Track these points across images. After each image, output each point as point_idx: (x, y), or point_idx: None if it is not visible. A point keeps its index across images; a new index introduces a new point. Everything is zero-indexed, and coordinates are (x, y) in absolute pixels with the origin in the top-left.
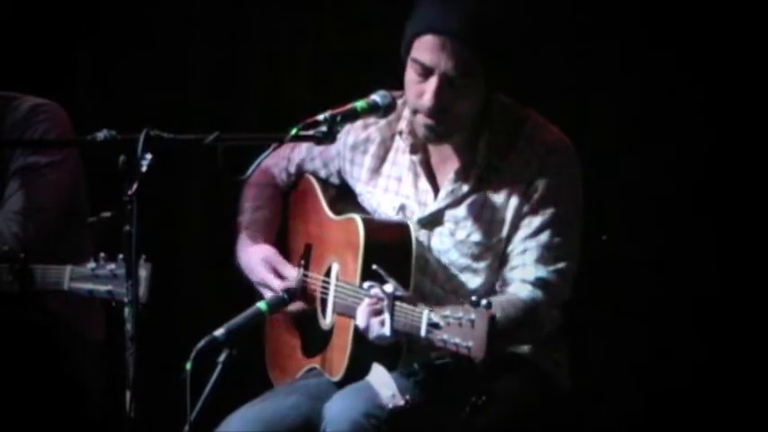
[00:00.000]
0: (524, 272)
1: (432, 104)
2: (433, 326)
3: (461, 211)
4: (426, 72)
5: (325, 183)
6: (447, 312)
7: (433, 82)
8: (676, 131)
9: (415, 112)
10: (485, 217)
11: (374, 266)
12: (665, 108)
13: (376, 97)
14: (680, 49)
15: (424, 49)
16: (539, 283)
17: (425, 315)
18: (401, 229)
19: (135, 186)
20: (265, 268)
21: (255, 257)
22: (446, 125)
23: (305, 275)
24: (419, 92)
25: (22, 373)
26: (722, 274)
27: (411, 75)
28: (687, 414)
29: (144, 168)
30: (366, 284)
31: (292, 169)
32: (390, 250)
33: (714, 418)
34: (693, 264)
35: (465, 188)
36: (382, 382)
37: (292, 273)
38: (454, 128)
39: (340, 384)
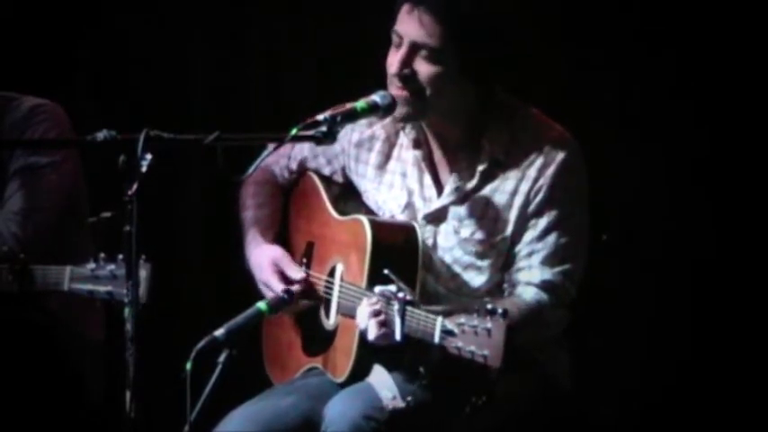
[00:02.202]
0: (530, 274)
1: (396, 68)
2: (447, 333)
3: (465, 208)
4: (399, 41)
5: (327, 181)
6: (462, 320)
7: (401, 50)
8: (677, 130)
9: (388, 86)
10: (489, 215)
11: (386, 271)
12: (666, 107)
13: (376, 97)
14: (680, 49)
15: (400, 18)
16: (544, 285)
17: (439, 322)
18: (408, 230)
19: (135, 186)
20: (272, 270)
21: (267, 258)
22: (416, 95)
23: (307, 274)
24: (391, 62)
25: (22, 373)
26: (722, 274)
27: (391, 49)
28: (687, 414)
29: (144, 168)
30: (377, 288)
31: (294, 166)
32: (397, 252)
33: (714, 418)
34: (693, 263)
35: (469, 185)
36: (383, 384)
37: (298, 275)
38: (426, 102)
39: (343, 385)
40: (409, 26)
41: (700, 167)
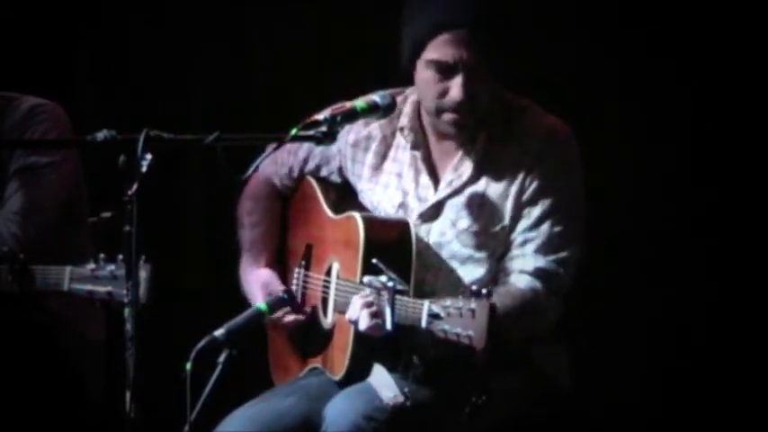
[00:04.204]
0: (523, 262)
1: (463, 98)
2: (433, 316)
3: (462, 200)
4: (448, 69)
5: (325, 183)
6: (447, 303)
7: (459, 77)
8: (677, 131)
9: (439, 111)
10: (486, 205)
11: (374, 260)
12: (667, 107)
13: (376, 97)
14: (682, 45)
15: (442, 47)
16: (538, 273)
17: (426, 306)
18: (401, 225)
19: (135, 186)
20: (261, 292)
21: (256, 284)
22: (471, 114)
23: (306, 276)
24: (442, 91)
25: (21, 373)
26: (723, 274)
27: (428, 77)
28: (687, 413)
29: (144, 168)
30: (366, 279)
31: (295, 174)
32: (391, 247)
33: (714, 418)
34: (693, 264)
35: (464, 177)
36: (383, 383)
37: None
38: (476, 115)
39: (341, 383)
40: (463, 53)
41: (699, 167)
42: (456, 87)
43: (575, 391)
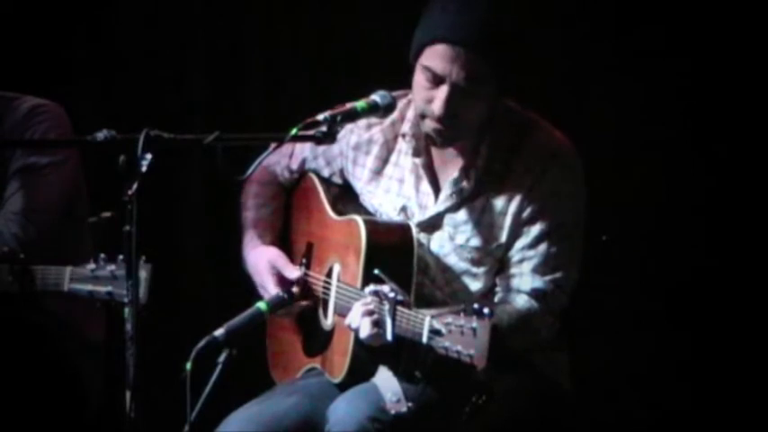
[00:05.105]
0: (521, 281)
1: (442, 113)
2: (434, 333)
3: (461, 215)
4: (437, 79)
5: (327, 182)
6: (449, 320)
7: (443, 90)
8: (677, 131)
9: (423, 116)
10: (484, 222)
11: (376, 271)
12: (666, 109)
13: (376, 97)
14: (682, 48)
15: (436, 57)
16: (534, 293)
17: (427, 322)
18: (403, 230)
19: (135, 186)
20: (269, 272)
21: (264, 259)
22: (454, 130)
23: (306, 275)
24: (428, 98)
25: (21, 373)
26: (723, 274)
27: (420, 80)
28: (687, 413)
29: (144, 168)
30: (368, 289)
31: (295, 167)
32: (392, 252)
33: (715, 418)
34: (694, 264)
35: (464, 191)
36: (388, 386)
37: (294, 275)
38: (462, 132)
39: (340, 385)
40: (454, 69)
41: (699, 166)
42: (439, 100)
43: (575, 391)
